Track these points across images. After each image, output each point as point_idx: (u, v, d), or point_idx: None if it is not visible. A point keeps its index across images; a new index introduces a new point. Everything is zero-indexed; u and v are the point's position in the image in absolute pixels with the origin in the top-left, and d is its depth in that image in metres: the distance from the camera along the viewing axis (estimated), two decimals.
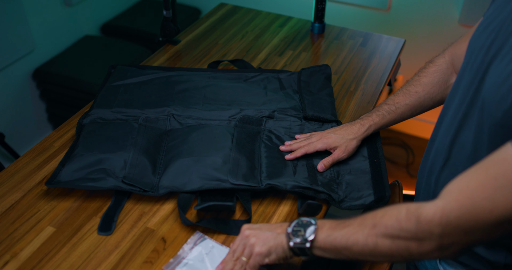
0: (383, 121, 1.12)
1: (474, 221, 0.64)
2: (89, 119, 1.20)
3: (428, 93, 1.10)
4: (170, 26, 1.58)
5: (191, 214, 1.01)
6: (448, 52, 1.11)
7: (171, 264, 0.91)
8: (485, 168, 0.65)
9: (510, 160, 0.62)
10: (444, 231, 0.66)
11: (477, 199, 0.64)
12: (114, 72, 1.40)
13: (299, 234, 0.80)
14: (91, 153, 1.08)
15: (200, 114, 1.22)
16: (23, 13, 2.11)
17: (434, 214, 0.67)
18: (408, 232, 0.69)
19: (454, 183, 0.68)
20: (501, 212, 0.62)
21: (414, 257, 0.71)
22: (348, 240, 0.76)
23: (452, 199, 0.66)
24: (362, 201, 1.02)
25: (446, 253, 0.69)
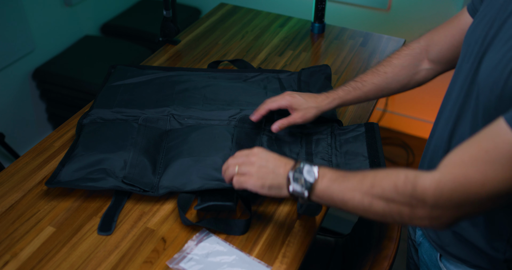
0: (348, 97, 1.12)
1: (466, 194, 0.66)
2: (89, 119, 1.20)
3: (396, 75, 1.10)
4: (170, 26, 1.58)
5: (191, 214, 1.01)
6: (424, 38, 1.10)
7: (175, 260, 0.92)
8: (477, 141, 0.67)
9: (501, 134, 0.63)
10: (437, 202, 0.68)
11: (470, 172, 0.65)
12: (114, 72, 1.40)
13: (299, 182, 0.82)
14: (91, 153, 1.08)
15: (200, 114, 1.22)
16: (23, 13, 2.11)
17: (429, 185, 0.68)
18: (403, 198, 0.71)
19: (451, 156, 0.69)
20: (492, 186, 0.64)
21: (405, 221, 0.73)
22: (345, 195, 0.78)
23: (447, 172, 0.68)
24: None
25: (436, 223, 0.70)
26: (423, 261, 1.02)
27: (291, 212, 1.02)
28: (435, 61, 1.08)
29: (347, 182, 0.78)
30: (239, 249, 0.94)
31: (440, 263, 0.95)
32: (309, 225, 1.00)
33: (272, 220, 1.01)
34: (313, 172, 0.81)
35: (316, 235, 1.01)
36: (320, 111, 1.11)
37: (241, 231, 0.97)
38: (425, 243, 1.00)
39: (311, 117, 1.11)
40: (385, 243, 1.02)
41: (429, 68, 1.09)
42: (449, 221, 0.70)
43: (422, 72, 1.10)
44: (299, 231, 0.98)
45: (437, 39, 1.07)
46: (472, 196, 0.65)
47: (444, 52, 1.05)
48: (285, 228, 0.99)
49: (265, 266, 0.91)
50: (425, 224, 0.71)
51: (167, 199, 1.04)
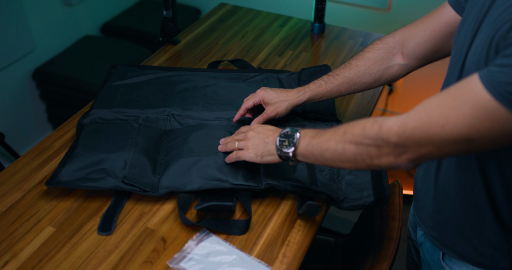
0: (319, 90, 1.13)
1: (426, 134, 0.70)
2: (89, 119, 1.20)
3: (369, 69, 1.10)
4: (170, 26, 1.58)
5: (191, 214, 1.01)
6: (400, 32, 1.10)
7: (175, 259, 0.92)
8: (449, 90, 0.70)
9: (470, 85, 0.67)
10: (399, 140, 0.73)
11: (433, 114, 0.70)
12: (114, 72, 1.40)
13: (283, 144, 0.93)
14: (91, 153, 1.08)
15: (200, 114, 1.22)
16: (23, 13, 2.11)
17: (394, 124, 0.74)
18: (370, 139, 0.77)
19: (422, 102, 0.73)
20: (451, 129, 0.68)
21: (374, 162, 0.79)
22: (322, 147, 0.86)
23: (413, 113, 0.72)
24: (362, 201, 1.02)
25: (400, 160, 0.75)
26: (425, 261, 1.02)
27: (291, 212, 1.02)
28: (410, 55, 1.07)
29: (324, 135, 0.87)
30: (239, 249, 0.94)
31: (442, 262, 0.95)
32: (309, 225, 1.00)
33: (272, 220, 1.01)
34: (296, 133, 0.92)
35: (316, 235, 1.01)
36: (291, 105, 1.14)
37: (241, 231, 0.97)
38: (427, 243, 1.00)
39: (282, 110, 1.15)
40: (385, 243, 1.02)
41: (403, 64, 1.09)
42: (412, 158, 0.74)
43: (395, 67, 1.10)
44: (299, 231, 0.98)
45: (415, 32, 1.06)
46: (432, 136, 0.70)
47: (421, 46, 1.05)
48: (285, 228, 0.99)
49: (265, 266, 0.91)
50: (391, 162, 0.76)
51: (167, 199, 1.04)
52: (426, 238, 1.00)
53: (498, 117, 0.65)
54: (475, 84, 0.67)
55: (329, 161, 0.86)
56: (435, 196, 0.93)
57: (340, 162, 0.84)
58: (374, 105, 1.36)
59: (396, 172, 2.37)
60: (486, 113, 0.65)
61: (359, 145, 0.79)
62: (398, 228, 1.04)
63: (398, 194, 1.10)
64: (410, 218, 1.12)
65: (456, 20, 0.98)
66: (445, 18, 1.01)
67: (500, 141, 0.68)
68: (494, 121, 0.65)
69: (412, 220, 1.10)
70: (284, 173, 1.06)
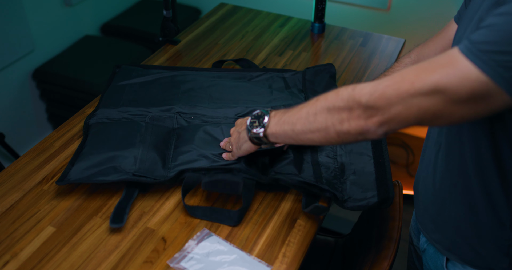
0: None
1: (396, 90, 0.70)
2: (96, 119, 1.20)
3: None
4: (170, 26, 1.58)
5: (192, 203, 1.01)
6: (415, 52, 1.12)
7: (175, 259, 0.92)
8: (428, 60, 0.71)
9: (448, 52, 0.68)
10: (370, 98, 0.72)
11: (406, 75, 0.70)
12: (118, 72, 1.40)
13: (254, 125, 0.93)
14: (100, 151, 1.09)
15: (206, 112, 1.23)
16: (23, 13, 2.11)
17: (367, 85, 0.74)
18: (342, 101, 0.76)
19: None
20: (420, 84, 0.67)
21: (344, 126, 0.77)
22: (293, 119, 0.85)
23: (388, 76, 0.72)
24: (366, 202, 1.02)
25: (370, 124, 0.74)
26: (428, 268, 1.02)
27: (291, 212, 1.02)
28: None
29: (295, 108, 0.86)
30: (240, 249, 0.94)
31: (446, 269, 0.95)
32: (309, 225, 1.00)
33: (272, 220, 1.01)
34: (267, 113, 0.92)
35: (316, 235, 1.01)
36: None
37: (233, 221, 0.98)
38: (430, 250, 1.00)
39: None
40: (385, 243, 1.02)
41: None
42: (382, 120, 0.73)
43: None
44: (299, 231, 0.98)
45: (427, 52, 1.08)
46: (401, 93, 0.69)
47: None
48: (285, 228, 0.99)
49: (265, 265, 0.91)
50: (361, 126, 0.75)
51: (167, 199, 1.04)
52: (430, 245, 1.00)
53: (467, 75, 0.64)
54: (453, 50, 0.67)
55: (299, 133, 0.84)
56: (434, 198, 0.93)
57: (310, 132, 0.82)
58: None
59: (396, 172, 2.37)
60: (456, 71, 0.65)
61: (331, 110, 0.78)
62: (398, 228, 1.04)
63: (398, 194, 1.10)
64: (412, 223, 1.12)
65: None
66: (452, 35, 1.03)
67: (469, 104, 0.66)
68: (463, 79, 0.64)
69: (414, 225, 1.10)
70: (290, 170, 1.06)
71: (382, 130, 0.74)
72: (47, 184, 1.08)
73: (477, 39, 0.65)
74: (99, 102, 1.28)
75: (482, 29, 0.65)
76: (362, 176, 1.08)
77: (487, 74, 0.63)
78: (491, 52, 0.63)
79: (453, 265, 0.94)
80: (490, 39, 0.63)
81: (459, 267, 0.93)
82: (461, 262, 0.91)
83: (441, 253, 0.95)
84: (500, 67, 0.62)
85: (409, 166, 2.40)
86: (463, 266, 0.91)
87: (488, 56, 0.63)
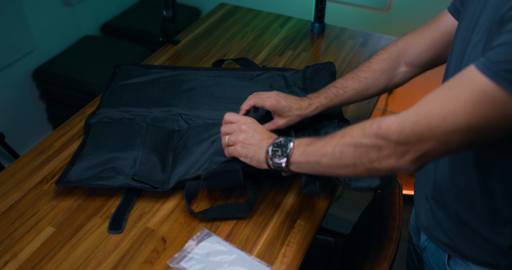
0: (329, 104, 1.12)
1: (427, 127, 0.68)
2: (97, 118, 1.21)
3: (376, 80, 1.11)
4: (170, 26, 1.58)
5: (195, 209, 1.01)
6: (402, 41, 1.12)
7: (175, 259, 0.92)
8: (447, 83, 0.70)
9: (467, 74, 0.67)
10: (400, 136, 0.70)
11: (433, 107, 0.68)
12: (119, 71, 1.40)
13: (276, 154, 0.89)
14: (100, 152, 1.09)
15: (207, 114, 1.23)
16: (23, 13, 2.11)
17: (393, 121, 0.72)
18: (369, 139, 0.74)
19: (421, 99, 0.72)
20: (452, 119, 0.66)
21: (374, 165, 0.76)
22: (319, 153, 0.83)
23: (412, 109, 0.71)
24: (368, 183, 0.99)
25: (402, 161, 0.72)
26: (429, 266, 1.02)
27: (291, 212, 1.02)
28: (412, 63, 1.09)
29: (320, 141, 0.84)
30: (240, 249, 0.94)
31: (447, 267, 0.95)
32: (309, 225, 1.00)
33: (272, 220, 1.01)
34: (290, 143, 0.88)
35: (316, 235, 1.01)
36: (303, 118, 1.12)
37: (246, 211, 0.99)
38: (431, 247, 0.99)
39: (294, 123, 1.12)
40: (385, 243, 1.02)
41: (406, 71, 1.11)
42: (415, 158, 0.71)
43: (399, 75, 1.11)
44: (299, 231, 0.98)
45: (417, 41, 1.08)
46: (434, 129, 0.68)
47: (423, 55, 1.07)
48: (285, 228, 0.99)
49: (265, 265, 0.91)
50: (392, 164, 0.74)
51: (167, 199, 1.04)
52: (430, 243, 1.00)
53: (497, 99, 0.64)
54: (471, 72, 0.67)
55: (326, 167, 0.82)
56: (434, 196, 0.93)
57: (338, 167, 0.81)
58: (374, 105, 1.36)
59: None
60: (486, 97, 0.64)
61: (358, 147, 0.76)
62: (398, 228, 1.04)
63: (398, 194, 1.10)
64: (412, 222, 1.12)
65: (455, 27, 0.98)
66: (445, 26, 1.02)
67: (504, 127, 0.66)
68: (494, 104, 0.64)
69: (414, 224, 1.10)
70: None
71: (415, 166, 0.73)
72: (47, 184, 1.08)
73: (497, 58, 0.64)
74: (100, 102, 1.28)
75: (499, 47, 0.65)
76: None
77: None
78: None
79: (455, 262, 0.94)
80: (510, 58, 0.63)
81: (461, 264, 0.93)
82: (463, 259, 0.91)
83: (443, 251, 0.95)
84: None
85: None
86: (465, 263, 0.92)
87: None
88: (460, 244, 0.90)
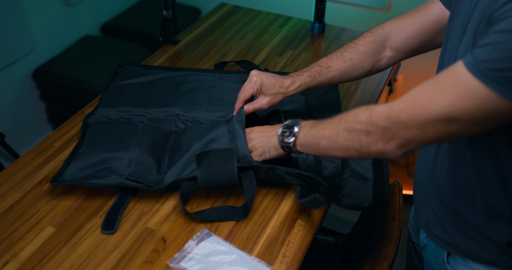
0: (313, 82, 1.13)
1: (410, 115, 0.73)
2: (95, 118, 1.20)
3: (362, 62, 1.12)
4: (170, 26, 1.58)
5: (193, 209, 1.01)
6: (389, 24, 1.12)
7: (175, 259, 0.92)
8: (435, 77, 0.74)
9: (453, 69, 0.71)
10: (387, 123, 0.76)
11: (418, 96, 0.73)
12: (120, 71, 1.40)
13: (285, 135, 0.96)
14: (96, 151, 1.09)
15: (204, 116, 1.23)
16: (23, 13, 2.11)
17: (383, 109, 0.77)
18: (361, 125, 0.80)
19: (411, 89, 0.75)
20: (433, 108, 0.70)
21: (364, 149, 0.81)
22: (318, 135, 0.89)
23: (401, 99, 0.76)
24: (360, 202, 1.02)
25: (388, 146, 0.78)
26: (429, 264, 1.02)
27: (291, 212, 1.02)
28: (398, 49, 1.10)
29: (321, 124, 0.90)
30: (240, 249, 0.94)
31: (447, 264, 0.95)
32: (309, 225, 1.00)
33: (272, 220, 1.01)
34: (297, 124, 0.95)
35: (316, 235, 1.01)
36: (286, 97, 1.13)
37: (241, 215, 0.99)
38: (431, 245, 1.00)
39: (277, 103, 1.13)
40: (385, 243, 1.02)
41: (390, 56, 1.12)
42: (399, 143, 0.76)
43: (384, 59, 1.13)
44: (299, 231, 0.98)
45: (404, 27, 1.09)
46: (416, 117, 0.72)
47: (409, 41, 1.08)
48: (285, 228, 0.99)
49: (265, 265, 0.91)
50: (380, 148, 0.79)
51: (167, 199, 1.04)
52: (430, 240, 1.00)
53: (477, 95, 0.67)
54: (458, 67, 0.69)
55: (324, 149, 0.89)
56: (434, 193, 0.93)
57: (333, 149, 0.87)
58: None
59: (396, 172, 2.37)
60: (467, 91, 0.68)
61: (351, 132, 0.82)
62: (398, 228, 1.04)
63: (398, 194, 1.10)
64: (411, 220, 1.12)
65: (444, 16, 1.00)
66: (434, 14, 1.03)
67: (482, 121, 0.69)
68: (474, 99, 0.67)
69: (413, 222, 1.10)
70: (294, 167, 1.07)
71: (401, 152, 0.78)
72: (47, 184, 1.08)
73: (483, 57, 0.67)
74: (99, 101, 1.28)
75: (486, 47, 0.67)
76: (359, 179, 1.08)
77: (497, 91, 0.66)
78: (498, 69, 0.65)
79: (454, 259, 0.94)
80: (495, 57, 0.66)
81: (460, 261, 0.93)
82: (462, 256, 0.91)
83: (442, 248, 0.95)
84: (508, 84, 0.65)
85: (409, 166, 2.40)
86: (464, 260, 0.92)
87: (496, 74, 0.65)
88: (459, 241, 0.91)
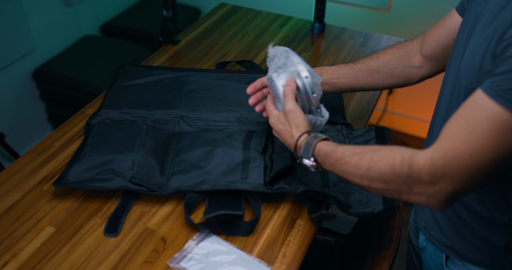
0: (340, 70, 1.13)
1: (457, 168, 0.67)
2: (98, 119, 1.20)
3: (388, 62, 1.12)
4: (170, 26, 1.58)
5: (195, 216, 1.01)
6: (418, 38, 1.13)
7: (175, 259, 0.92)
8: (459, 114, 0.69)
9: (478, 102, 0.66)
10: (432, 179, 0.70)
11: (457, 145, 0.67)
12: (122, 72, 1.40)
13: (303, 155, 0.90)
14: (99, 153, 1.08)
15: (209, 116, 1.22)
16: (23, 13, 2.11)
17: (424, 163, 0.70)
18: (400, 178, 0.73)
19: (441, 132, 0.71)
20: (479, 155, 0.65)
21: (403, 198, 0.76)
22: (342, 174, 0.83)
23: (438, 149, 0.70)
24: (371, 209, 0.99)
25: (433, 200, 0.72)
26: (427, 266, 1.02)
27: (291, 212, 1.02)
28: (428, 57, 1.09)
29: (345, 165, 0.82)
30: (240, 249, 0.94)
31: (445, 267, 0.95)
32: (309, 225, 1.00)
33: (272, 220, 1.01)
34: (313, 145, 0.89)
35: (316, 235, 1.01)
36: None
37: (246, 232, 0.97)
38: (429, 248, 0.99)
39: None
40: (385, 243, 1.02)
41: (419, 66, 1.11)
42: (446, 197, 0.71)
43: (413, 69, 1.11)
44: (299, 231, 0.98)
45: (428, 39, 1.09)
46: (463, 169, 0.67)
47: (434, 52, 1.08)
48: (285, 228, 0.99)
49: (265, 265, 0.91)
50: (422, 201, 0.73)
51: (167, 199, 1.04)
52: (429, 243, 1.00)
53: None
54: (482, 100, 0.66)
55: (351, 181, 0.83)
56: None
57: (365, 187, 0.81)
58: (374, 105, 1.36)
59: None
60: (505, 126, 0.64)
61: (388, 183, 0.76)
62: (398, 228, 1.04)
63: None
64: (411, 222, 1.12)
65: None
66: (451, 25, 1.03)
67: None
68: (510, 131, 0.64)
69: (413, 224, 1.10)
70: (297, 173, 1.05)
71: (445, 206, 0.73)
72: (47, 184, 1.08)
73: (508, 85, 0.64)
74: (102, 103, 1.27)
75: (507, 74, 0.64)
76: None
77: None
78: None
79: (453, 262, 0.94)
80: None
81: (458, 264, 0.93)
82: (461, 259, 0.91)
83: (441, 251, 0.95)
84: None
85: None
86: (463, 263, 0.92)
87: None
88: (458, 245, 0.91)
